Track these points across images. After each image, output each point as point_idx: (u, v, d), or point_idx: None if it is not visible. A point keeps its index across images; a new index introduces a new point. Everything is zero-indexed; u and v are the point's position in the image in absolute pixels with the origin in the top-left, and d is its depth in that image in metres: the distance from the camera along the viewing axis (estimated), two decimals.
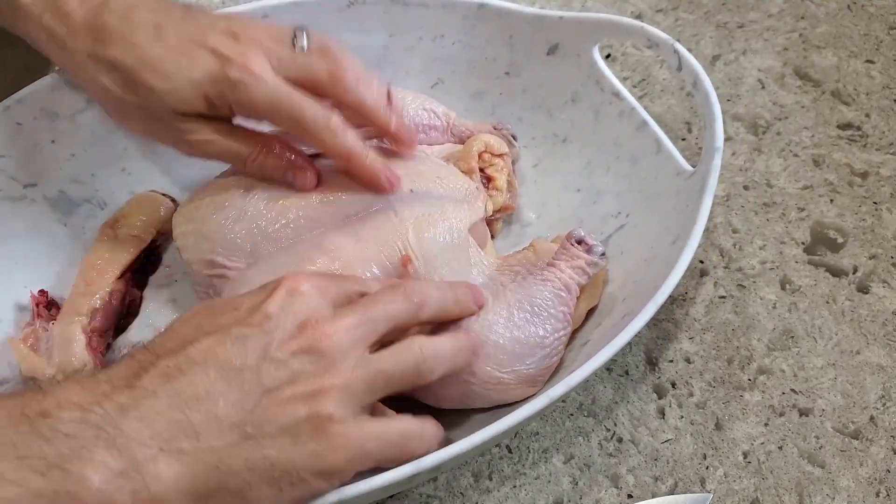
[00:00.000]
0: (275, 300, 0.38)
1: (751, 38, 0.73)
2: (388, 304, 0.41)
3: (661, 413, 0.52)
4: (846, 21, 0.74)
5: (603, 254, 0.49)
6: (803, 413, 0.52)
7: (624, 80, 0.68)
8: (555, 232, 0.56)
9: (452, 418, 0.47)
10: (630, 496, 0.49)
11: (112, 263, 0.53)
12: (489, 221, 0.56)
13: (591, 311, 0.51)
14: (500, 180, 0.56)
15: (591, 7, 0.75)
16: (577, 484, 0.49)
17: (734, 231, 0.60)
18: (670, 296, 0.46)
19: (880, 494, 0.49)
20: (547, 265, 0.49)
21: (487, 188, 0.55)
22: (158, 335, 0.39)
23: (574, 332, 0.50)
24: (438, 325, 0.45)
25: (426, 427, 0.41)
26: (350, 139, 0.48)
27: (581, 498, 0.49)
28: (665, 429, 0.51)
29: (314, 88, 0.48)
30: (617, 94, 0.57)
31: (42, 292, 0.53)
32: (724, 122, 0.67)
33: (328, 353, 0.37)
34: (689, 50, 0.72)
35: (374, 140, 0.52)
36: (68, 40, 0.46)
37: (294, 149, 0.49)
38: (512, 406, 0.46)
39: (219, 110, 0.47)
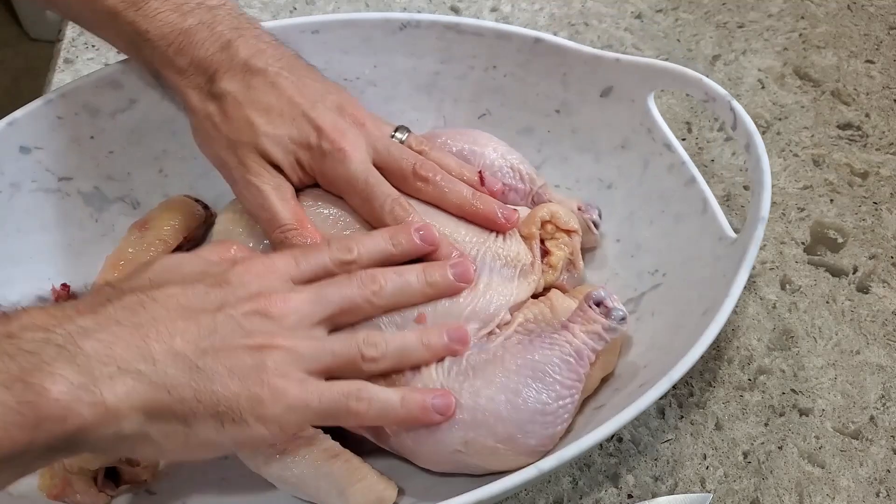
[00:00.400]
0: (235, 271, 0.42)
1: (751, 38, 0.73)
2: (342, 286, 0.43)
3: (661, 413, 0.52)
4: (846, 21, 0.74)
5: (623, 318, 0.45)
6: (803, 413, 0.52)
7: None
8: (588, 280, 0.54)
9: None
10: (630, 496, 0.49)
11: (134, 264, 0.52)
12: (535, 296, 0.51)
13: (606, 378, 0.49)
14: (557, 257, 0.51)
15: (591, 7, 0.75)
16: (577, 484, 0.49)
17: (734, 231, 0.60)
18: None
19: (880, 494, 0.49)
20: (561, 327, 0.46)
21: (542, 261, 0.51)
22: (124, 276, 0.42)
23: (587, 399, 0.48)
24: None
25: (371, 389, 0.42)
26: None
27: (581, 498, 0.49)
28: (665, 429, 0.51)
29: (399, 180, 0.50)
30: (668, 146, 0.54)
31: (64, 286, 0.54)
32: (724, 122, 0.67)
33: (278, 318, 0.41)
34: (689, 50, 0.72)
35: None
36: (189, 70, 0.49)
37: (321, 246, 0.48)
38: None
39: (297, 175, 0.50)
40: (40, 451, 0.34)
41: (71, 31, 0.70)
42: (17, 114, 0.53)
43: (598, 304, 0.46)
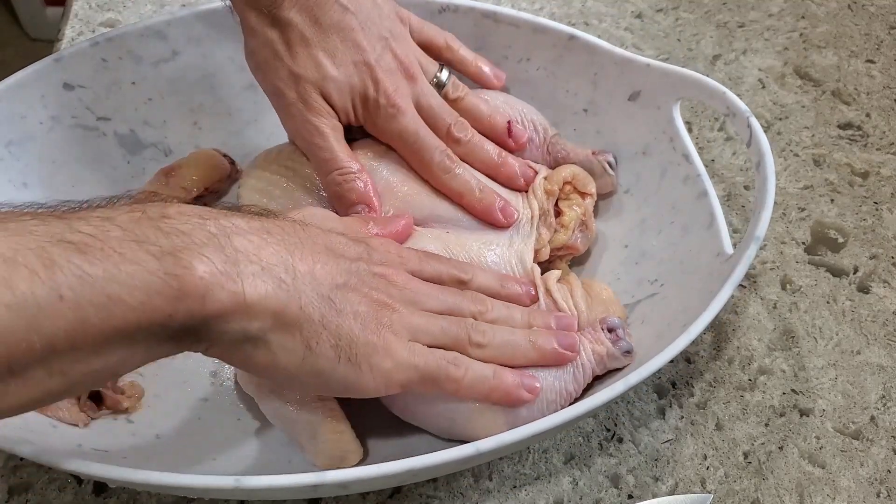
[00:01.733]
0: (373, 239, 0.46)
1: (751, 38, 0.73)
2: (456, 296, 0.46)
3: (662, 413, 0.52)
4: (846, 21, 0.74)
5: (627, 352, 0.47)
6: (804, 413, 0.52)
7: None
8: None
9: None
10: (630, 496, 0.49)
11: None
12: (550, 259, 0.54)
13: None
14: (569, 217, 0.54)
15: (591, 6, 0.75)
16: (577, 484, 0.49)
17: (734, 231, 0.60)
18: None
19: (881, 495, 0.49)
20: None
21: (555, 221, 0.54)
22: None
23: None
24: None
25: (467, 359, 0.44)
26: (460, 179, 0.53)
27: (581, 498, 0.49)
28: (665, 429, 0.51)
29: (435, 129, 0.54)
30: (687, 157, 0.55)
31: None
32: (724, 121, 0.67)
33: (400, 288, 0.44)
34: (689, 50, 0.72)
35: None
36: None
37: (370, 195, 0.52)
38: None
39: (348, 118, 0.53)
40: (175, 330, 0.34)
41: (70, 30, 0.70)
42: (64, 52, 0.56)
43: (611, 330, 0.48)
